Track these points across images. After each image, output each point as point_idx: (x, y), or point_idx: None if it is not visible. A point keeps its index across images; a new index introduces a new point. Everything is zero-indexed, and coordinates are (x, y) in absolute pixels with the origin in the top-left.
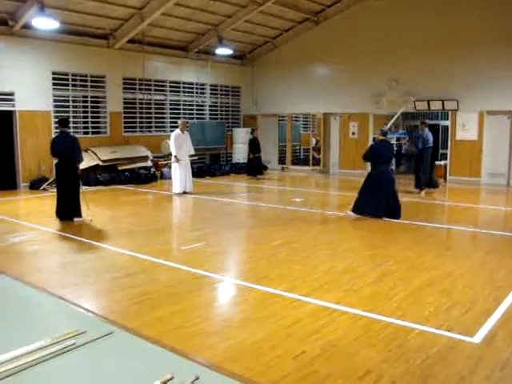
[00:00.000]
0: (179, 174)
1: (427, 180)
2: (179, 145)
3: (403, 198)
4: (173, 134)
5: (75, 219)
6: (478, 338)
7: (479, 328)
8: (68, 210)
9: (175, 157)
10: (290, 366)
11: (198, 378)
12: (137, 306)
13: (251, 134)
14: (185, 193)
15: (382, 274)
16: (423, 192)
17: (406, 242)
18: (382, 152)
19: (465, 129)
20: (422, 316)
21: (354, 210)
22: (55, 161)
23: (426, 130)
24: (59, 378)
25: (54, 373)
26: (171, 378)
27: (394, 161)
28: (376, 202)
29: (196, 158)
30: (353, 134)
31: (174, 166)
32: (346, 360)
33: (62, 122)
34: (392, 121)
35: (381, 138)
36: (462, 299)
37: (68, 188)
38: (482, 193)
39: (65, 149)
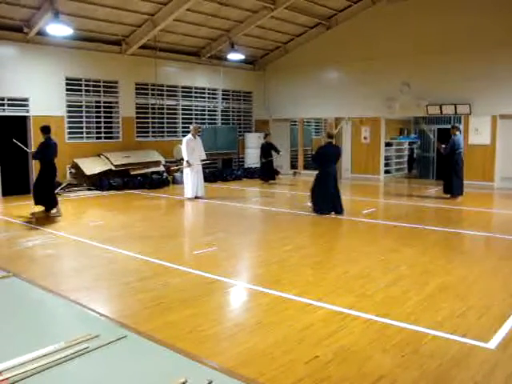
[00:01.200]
0: (191, 179)
1: (463, 185)
2: (191, 150)
3: (424, 202)
4: (185, 139)
5: (51, 211)
6: (493, 343)
7: (494, 333)
8: (47, 200)
9: (187, 161)
10: (302, 371)
11: (211, 383)
12: (149, 310)
13: (264, 138)
14: (197, 197)
15: (395, 279)
16: (460, 198)
17: (418, 247)
18: (328, 154)
19: (477, 133)
20: (435, 321)
21: (316, 211)
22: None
23: (458, 133)
24: (73, 381)
25: (68, 376)
26: (184, 382)
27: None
28: (324, 199)
29: (208, 161)
30: (365, 138)
31: (186, 170)
32: (359, 365)
33: (46, 129)
34: (339, 127)
35: (328, 140)
36: (476, 304)
37: (50, 184)
38: (496, 197)
39: (54, 153)
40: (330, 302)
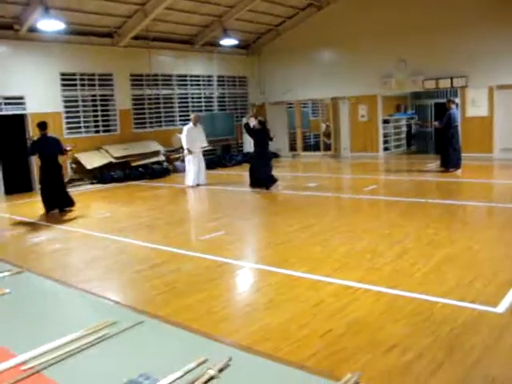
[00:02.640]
0: (193, 167)
1: (460, 159)
2: (192, 138)
3: (425, 177)
4: (185, 128)
5: (67, 208)
6: (501, 308)
7: (502, 299)
8: (62, 201)
9: (188, 149)
10: (317, 344)
11: (231, 359)
12: (163, 296)
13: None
14: (198, 185)
15: (402, 252)
16: (460, 170)
17: (422, 220)
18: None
19: (475, 105)
20: (444, 290)
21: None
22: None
23: (454, 107)
24: (98, 365)
25: (90, 362)
26: (205, 361)
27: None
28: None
29: (209, 148)
30: (362, 116)
31: (188, 158)
32: (372, 335)
33: (43, 125)
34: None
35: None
36: (482, 272)
37: (58, 182)
38: (495, 168)
39: (52, 149)
40: (339, 278)
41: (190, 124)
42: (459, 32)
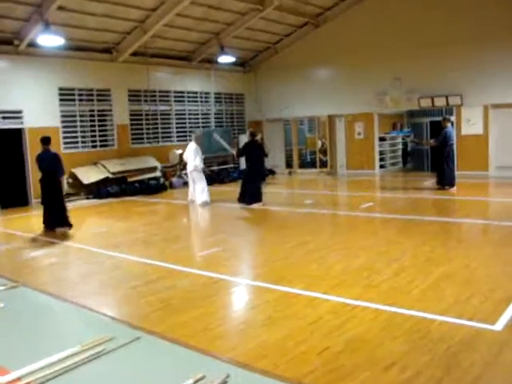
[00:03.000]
0: (204, 183)
1: (455, 177)
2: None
3: (421, 194)
4: (195, 146)
5: (60, 229)
6: (499, 325)
7: (500, 316)
8: (56, 220)
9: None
10: (315, 362)
11: (228, 376)
12: (159, 312)
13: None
14: (193, 201)
15: (399, 269)
16: (454, 188)
17: (419, 237)
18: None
19: (470, 123)
20: (442, 307)
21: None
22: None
23: (449, 125)
24: (95, 381)
25: (87, 378)
26: (203, 377)
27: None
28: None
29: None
30: (358, 134)
31: (201, 175)
32: (370, 353)
33: (45, 140)
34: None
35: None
36: (480, 289)
37: (54, 200)
38: (491, 186)
39: (48, 165)
40: (336, 295)
41: (194, 143)
42: (454, 50)
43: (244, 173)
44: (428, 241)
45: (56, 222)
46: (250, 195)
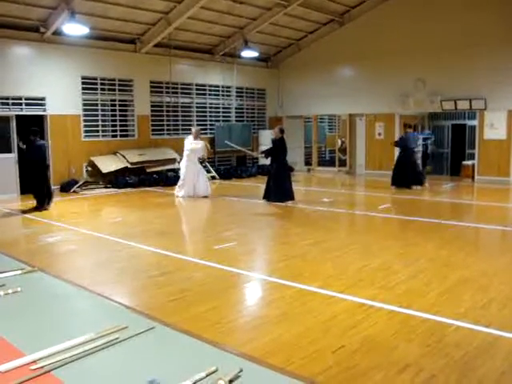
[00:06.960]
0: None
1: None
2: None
3: (440, 198)
4: (202, 142)
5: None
6: None
7: None
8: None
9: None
10: (330, 360)
11: (241, 370)
12: (174, 303)
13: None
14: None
15: (416, 272)
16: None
17: (437, 241)
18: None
19: (493, 128)
20: (458, 312)
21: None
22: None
23: (410, 131)
24: (106, 369)
25: (100, 365)
26: (215, 371)
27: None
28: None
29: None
30: (379, 134)
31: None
32: (385, 354)
33: (34, 132)
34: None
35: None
36: (497, 296)
37: (40, 184)
38: (511, 192)
39: (38, 154)
40: (352, 294)
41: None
42: (479, 53)
43: (273, 170)
44: (446, 245)
45: (49, 201)
46: (283, 192)
